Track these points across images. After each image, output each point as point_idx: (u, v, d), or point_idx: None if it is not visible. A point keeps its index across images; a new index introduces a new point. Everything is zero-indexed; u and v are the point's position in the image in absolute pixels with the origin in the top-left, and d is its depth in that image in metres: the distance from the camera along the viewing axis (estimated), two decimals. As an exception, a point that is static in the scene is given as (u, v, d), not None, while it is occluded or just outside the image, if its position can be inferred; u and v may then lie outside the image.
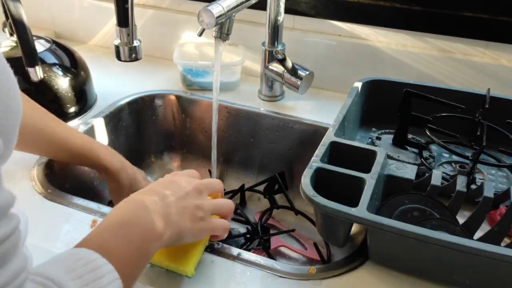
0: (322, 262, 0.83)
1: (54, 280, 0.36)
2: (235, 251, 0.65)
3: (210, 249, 0.65)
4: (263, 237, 0.87)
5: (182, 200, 0.54)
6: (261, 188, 0.98)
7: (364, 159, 0.68)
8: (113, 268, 0.40)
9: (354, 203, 0.58)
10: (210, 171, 1.05)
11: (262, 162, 1.02)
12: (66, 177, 0.86)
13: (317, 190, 0.60)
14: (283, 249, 0.87)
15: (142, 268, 0.47)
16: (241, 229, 0.92)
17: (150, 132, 1.06)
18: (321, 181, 0.64)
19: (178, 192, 0.54)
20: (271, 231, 0.92)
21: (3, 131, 0.31)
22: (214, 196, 0.64)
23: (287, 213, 0.96)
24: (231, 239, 0.88)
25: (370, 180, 0.63)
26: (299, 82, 0.95)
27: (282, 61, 0.92)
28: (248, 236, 0.88)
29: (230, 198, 0.99)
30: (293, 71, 0.95)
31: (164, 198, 0.52)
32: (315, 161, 0.66)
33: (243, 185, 1.00)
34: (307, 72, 0.96)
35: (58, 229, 0.67)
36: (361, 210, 0.57)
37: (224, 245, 0.66)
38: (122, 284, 0.41)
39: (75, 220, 0.69)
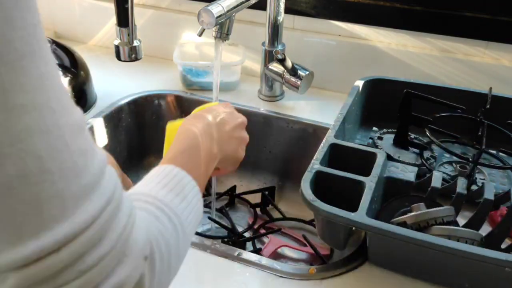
0: (321, 259, 0.83)
1: (155, 197, 0.42)
2: (235, 251, 0.65)
3: (210, 249, 0.65)
4: (239, 238, 0.87)
5: (233, 130, 0.61)
6: (251, 196, 0.98)
7: (365, 161, 0.68)
8: (191, 177, 0.47)
9: (355, 205, 0.58)
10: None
11: (262, 161, 1.02)
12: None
13: (317, 193, 0.60)
14: (284, 249, 0.87)
15: (204, 185, 0.54)
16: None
17: (150, 132, 1.06)
18: (321, 184, 0.64)
19: (231, 122, 0.61)
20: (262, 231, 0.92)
21: None
22: None
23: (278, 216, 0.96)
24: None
25: (369, 183, 0.63)
26: (299, 82, 0.95)
27: (282, 61, 0.92)
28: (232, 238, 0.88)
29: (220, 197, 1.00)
30: (293, 71, 0.95)
31: (220, 128, 0.59)
32: (315, 164, 0.66)
33: (234, 187, 1.00)
34: (307, 72, 0.96)
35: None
36: (361, 214, 0.57)
37: (224, 244, 0.66)
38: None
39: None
